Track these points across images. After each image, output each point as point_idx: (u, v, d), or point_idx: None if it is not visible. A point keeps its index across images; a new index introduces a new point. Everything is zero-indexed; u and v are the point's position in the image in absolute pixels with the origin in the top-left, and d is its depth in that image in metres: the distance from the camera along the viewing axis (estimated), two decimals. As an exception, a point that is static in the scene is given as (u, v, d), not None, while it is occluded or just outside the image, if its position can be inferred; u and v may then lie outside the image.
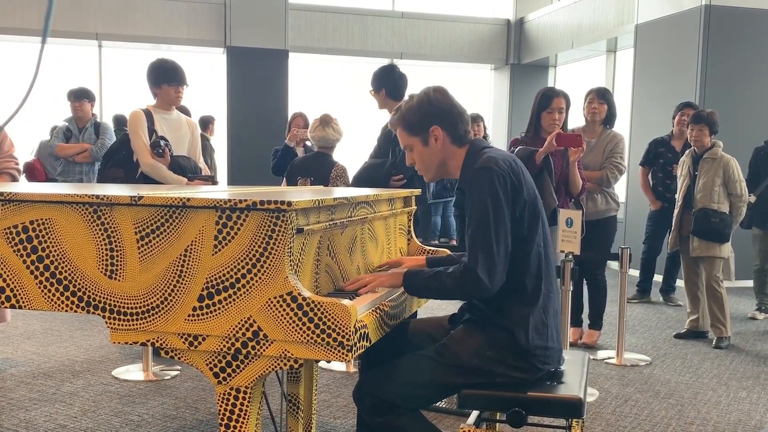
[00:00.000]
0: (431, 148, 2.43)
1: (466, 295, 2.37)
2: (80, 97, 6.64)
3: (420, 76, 11.41)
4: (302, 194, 2.37)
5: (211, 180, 4.32)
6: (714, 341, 5.41)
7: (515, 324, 2.32)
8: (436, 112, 2.41)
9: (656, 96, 8.74)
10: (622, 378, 4.54)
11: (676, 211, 5.64)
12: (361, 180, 4.46)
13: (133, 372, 4.44)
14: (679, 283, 6.87)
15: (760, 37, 8.20)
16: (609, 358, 4.95)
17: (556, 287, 2.49)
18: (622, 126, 5.40)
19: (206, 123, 9.26)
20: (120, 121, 8.01)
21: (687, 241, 5.47)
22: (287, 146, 5.95)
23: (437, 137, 2.42)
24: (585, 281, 5.38)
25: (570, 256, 4.04)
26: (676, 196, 5.77)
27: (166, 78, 4.28)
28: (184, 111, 5.90)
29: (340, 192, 2.79)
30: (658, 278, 7.38)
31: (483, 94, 13.38)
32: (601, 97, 5.23)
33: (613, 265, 8.17)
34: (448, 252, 3.25)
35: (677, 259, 6.60)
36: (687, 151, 5.65)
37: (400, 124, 2.48)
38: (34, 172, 7.10)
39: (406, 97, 2.53)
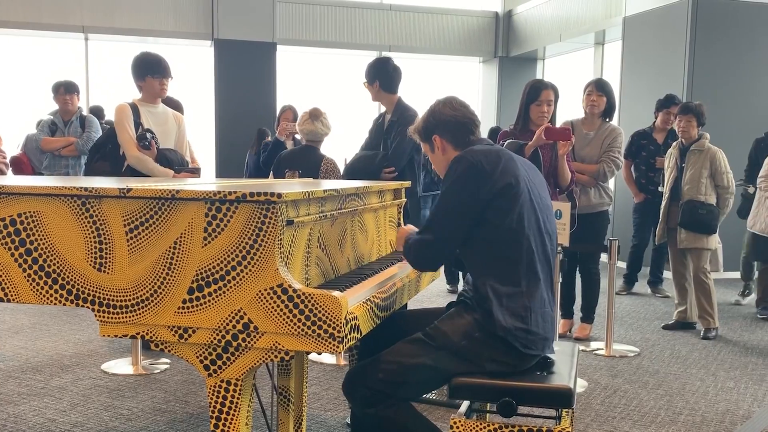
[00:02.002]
0: (437, 154, 2.68)
1: (413, 262, 2.59)
2: (65, 90, 6.59)
3: (408, 69, 11.38)
4: (292, 186, 2.36)
5: (198, 173, 4.31)
6: (702, 332, 5.45)
7: (494, 306, 2.36)
8: (436, 123, 2.65)
9: (644, 88, 8.77)
10: (611, 369, 4.56)
11: (663, 203, 5.66)
12: (353, 172, 4.45)
13: (122, 366, 4.43)
14: (667, 274, 6.91)
15: (747, 29, 8.24)
16: (598, 349, 4.98)
17: (550, 273, 2.51)
18: (613, 119, 5.40)
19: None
20: (96, 113, 7.92)
21: (674, 233, 5.50)
22: (278, 140, 5.92)
23: (438, 146, 2.65)
24: (579, 274, 5.40)
25: (559, 248, 4.05)
26: (661, 188, 5.82)
27: (150, 70, 4.26)
28: (177, 104, 5.85)
29: (330, 184, 2.79)
30: (645, 270, 7.42)
31: (472, 87, 13.39)
32: (600, 89, 5.19)
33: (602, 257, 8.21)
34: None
35: (664, 250, 6.64)
36: (674, 143, 5.68)
37: (415, 134, 2.77)
38: (21, 166, 7.05)
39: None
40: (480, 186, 2.39)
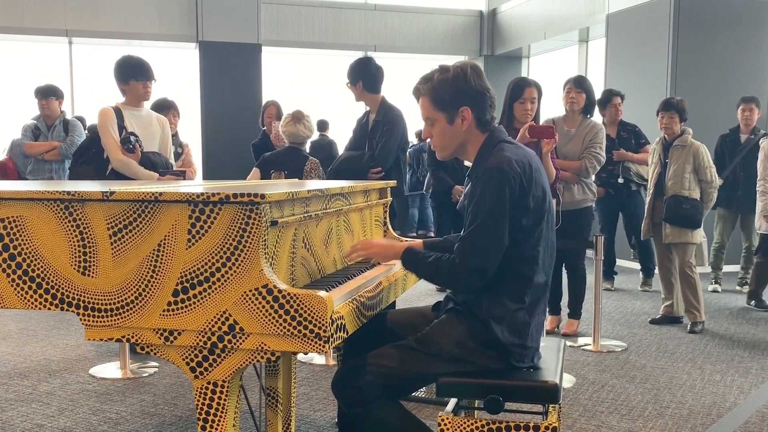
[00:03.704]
0: (456, 127, 2.37)
1: (453, 288, 2.47)
2: (47, 94, 6.55)
3: (394, 69, 11.40)
4: (276, 187, 2.37)
5: (183, 175, 4.30)
6: (688, 326, 5.49)
7: (494, 319, 2.33)
8: (471, 93, 2.33)
9: (628, 85, 8.80)
10: (599, 364, 4.59)
11: (648, 199, 5.70)
12: (339, 172, 4.46)
13: (110, 370, 4.41)
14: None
15: (729, 25, 8.30)
16: (585, 344, 5.00)
17: (548, 289, 2.49)
18: (594, 115, 5.43)
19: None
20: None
21: (659, 228, 5.54)
22: (265, 134, 5.95)
23: (465, 118, 2.35)
24: (565, 270, 5.42)
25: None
26: (621, 179, 6.10)
27: (133, 74, 4.25)
28: (171, 105, 5.84)
29: (315, 184, 2.79)
30: (622, 263, 7.48)
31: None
32: (578, 86, 5.22)
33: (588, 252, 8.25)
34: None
35: (648, 244, 6.77)
36: (657, 139, 5.72)
37: (428, 95, 2.36)
38: (6, 171, 7.00)
39: (438, 68, 2.39)
40: (517, 205, 2.28)
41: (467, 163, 2.51)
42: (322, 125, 10.46)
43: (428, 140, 2.52)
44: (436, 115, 2.38)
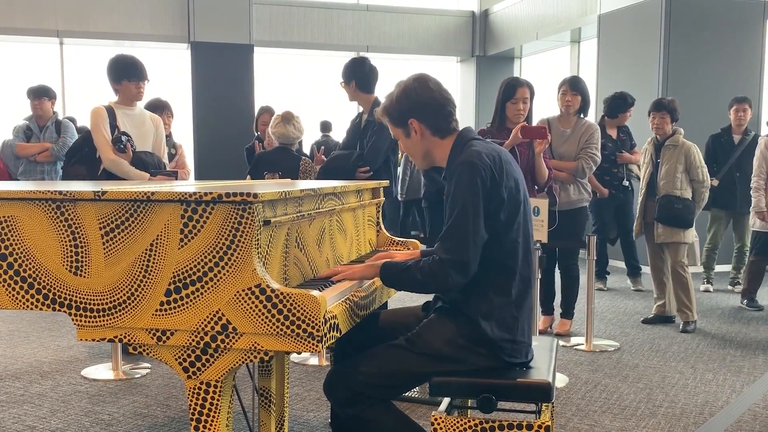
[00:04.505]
0: (413, 140, 2.47)
1: (437, 289, 2.41)
2: (39, 95, 6.53)
3: (386, 70, 11.40)
4: (268, 186, 2.36)
5: (175, 176, 4.29)
6: (681, 325, 5.51)
7: (482, 315, 2.34)
8: (413, 106, 2.42)
9: (620, 85, 8.81)
10: (592, 363, 4.60)
11: (639, 198, 5.72)
12: (327, 171, 4.46)
13: (102, 371, 4.40)
14: (645, 270, 6.98)
15: (721, 25, 8.34)
16: (578, 344, 5.01)
17: (534, 282, 2.51)
18: (588, 115, 5.43)
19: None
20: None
21: (651, 228, 5.55)
22: (260, 139, 5.93)
23: (416, 130, 2.44)
24: (558, 270, 5.43)
25: (538, 245, 4.08)
26: (626, 182, 6.10)
27: (126, 74, 4.23)
28: (165, 105, 5.82)
29: (307, 184, 2.79)
30: (615, 264, 7.50)
31: (449, 87, 13.17)
32: (574, 88, 5.21)
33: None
34: (418, 243, 3.27)
35: (632, 241, 6.91)
36: (649, 139, 5.73)
37: (385, 116, 2.50)
38: (-3, 172, 6.98)
39: (393, 88, 2.52)
40: (491, 197, 2.29)
41: None
42: (325, 126, 10.44)
43: None
44: (397, 132, 2.51)
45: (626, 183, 6.80)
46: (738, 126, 6.92)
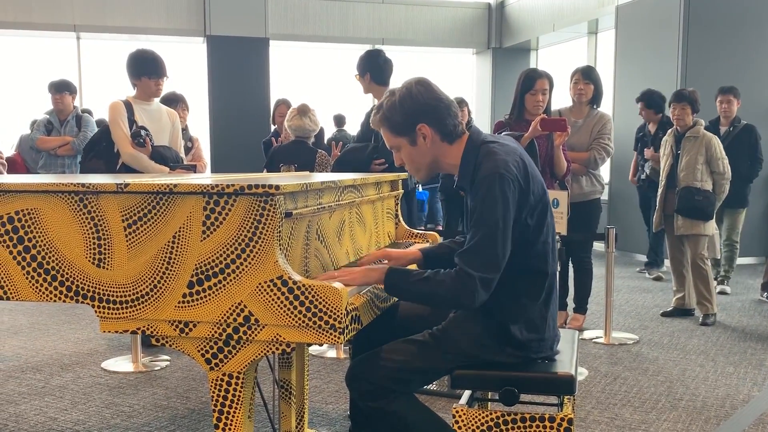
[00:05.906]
0: (420, 147, 2.27)
1: (457, 304, 2.26)
2: (61, 89, 6.56)
3: (402, 62, 11.39)
4: (289, 179, 2.36)
5: (194, 169, 4.30)
6: (700, 318, 5.46)
7: (512, 319, 2.31)
8: (422, 109, 2.23)
9: (638, 77, 8.77)
10: (611, 357, 4.57)
11: (660, 190, 5.67)
12: (342, 163, 4.46)
13: (122, 363, 4.42)
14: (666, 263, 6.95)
15: (740, 16, 8.24)
16: (597, 337, 4.98)
17: (557, 279, 2.48)
18: (604, 107, 5.38)
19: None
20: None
21: (671, 220, 5.51)
22: (276, 133, 5.94)
23: (426, 135, 2.25)
24: (571, 264, 5.37)
25: (557, 237, 4.05)
26: (644, 176, 6.01)
27: (145, 71, 4.23)
28: (180, 98, 5.84)
29: (327, 176, 2.78)
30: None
31: (466, 79, 13.38)
32: (586, 77, 5.15)
33: (599, 245, 8.24)
34: (437, 236, 3.26)
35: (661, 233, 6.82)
36: (669, 130, 5.68)
37: (384, 124, 2.29)
38: (14, 167, 7.03)
39: (386, 93, 2.32)
40: (522, 206, 2.22)
41: None
42: (339, 120, 10.43)
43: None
44: (398, 142, 2.30)
45: (644, 177, 6.83)
46: (725, 118, 6.76)
